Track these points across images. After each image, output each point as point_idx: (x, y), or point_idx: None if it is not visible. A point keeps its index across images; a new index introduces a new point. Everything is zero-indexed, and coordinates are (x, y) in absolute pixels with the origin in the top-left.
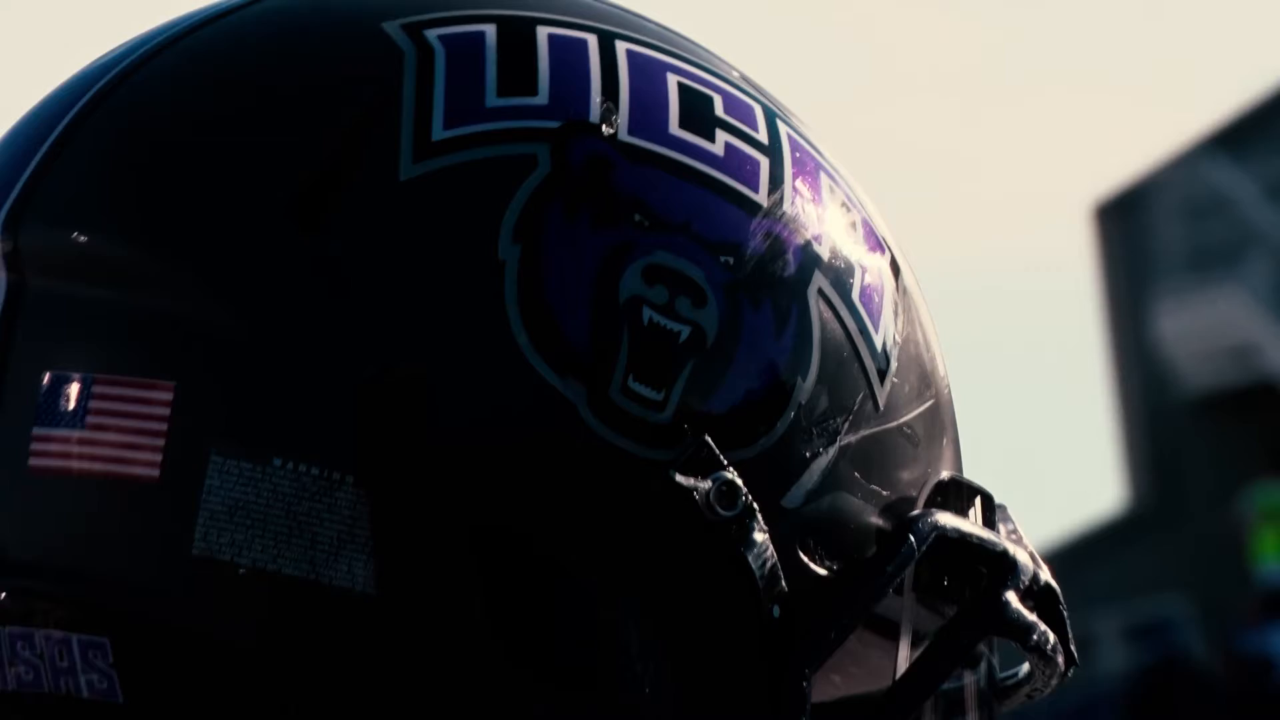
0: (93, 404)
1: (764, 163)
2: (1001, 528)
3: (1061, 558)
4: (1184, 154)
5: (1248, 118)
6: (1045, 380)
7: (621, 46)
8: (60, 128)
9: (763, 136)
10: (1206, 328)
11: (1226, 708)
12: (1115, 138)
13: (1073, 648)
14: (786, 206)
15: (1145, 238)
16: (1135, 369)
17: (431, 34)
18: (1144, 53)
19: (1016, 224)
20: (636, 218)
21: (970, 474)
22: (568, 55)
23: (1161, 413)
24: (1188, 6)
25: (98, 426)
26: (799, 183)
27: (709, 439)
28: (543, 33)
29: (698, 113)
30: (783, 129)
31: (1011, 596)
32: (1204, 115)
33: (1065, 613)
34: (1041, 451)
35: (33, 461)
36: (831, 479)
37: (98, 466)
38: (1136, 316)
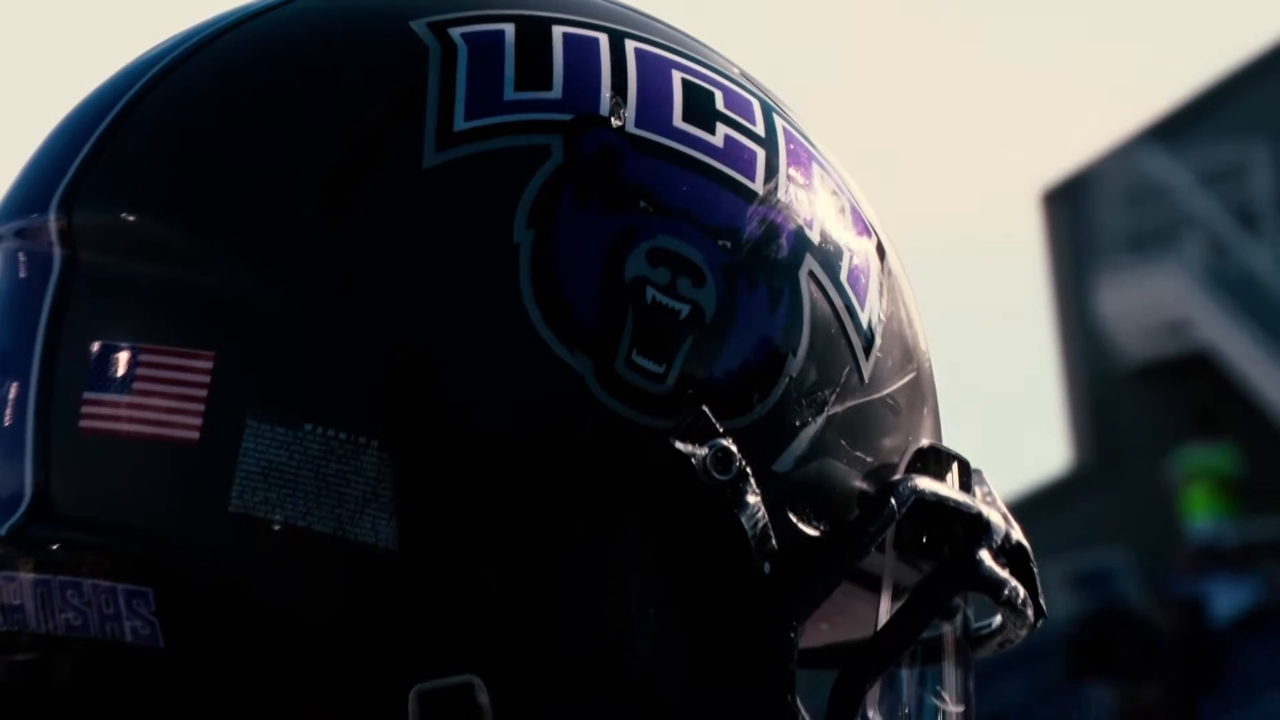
0: (139, 371)
1: (760, 154)
2: (977, 491)
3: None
4: (1123, 145)
5: (1182, 112)
6: (997, 351)
7: (630, 45)
8: (111, 116)
9: (760, 129)
10: (1144, 304)
11: (1161, 648)
12: (1061, 130)
13: (1041, 601)
14: (781, 194)
15: (1089, 221)
16: (1079, 341)
17: (455, 32)
18: (1088, 50)
19: (972, 207)
20: (642, 204)
21: (947, 441)
22: (580, 52)
23: (1103, 381)
24: (1128, 8)
25: (143, 392)
26: (792, 172)
27: (706, 409)
28: (558, 31)
29: (700, 107)
30: (778, 122)
31: (985, 554)
32: (1142, 109)
33: (1035, 570)
34: (993, 416)
35: (83, 423)
36: (819, 446)
37: (143, 429)
38: (1080, 293)
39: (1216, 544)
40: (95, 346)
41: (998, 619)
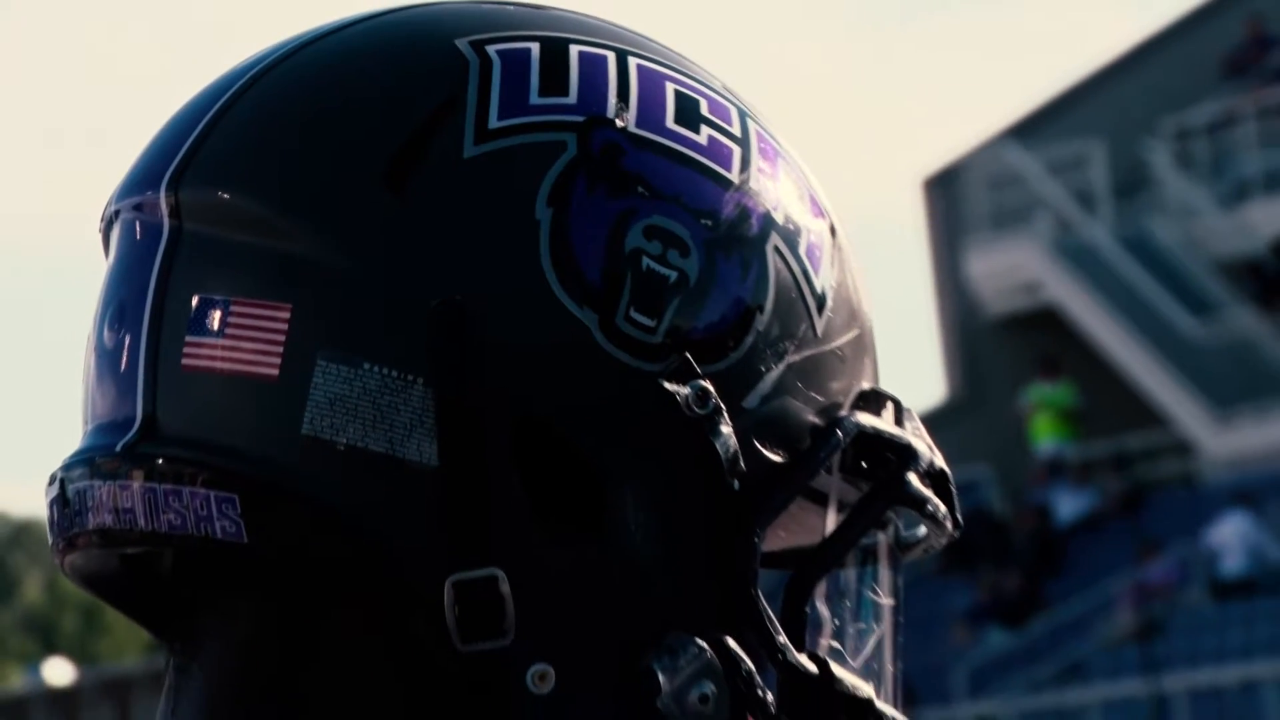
0: (230, 320)
1: (737, 150)
2: (907, 425)
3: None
4: (988, 141)
5: (1034, 115)
6: (887, 307)
7: (633, 61)
8: (212, 112)
9: (736, 130)
10: (1004, 269)
11: (1016, 545)
12: (938, 129)
13: (959, 515)
14: (752, 183)
15: (960, 202)
16: (952, 298)
17: (491, 48)
18: (958, 65)
19: (868, 189)
20: (640, 190)
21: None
22: (592, 66)
23: (970, 331)
24: (992, 33)
25: (233, 336)
26: (762, 165)
27: (689, 356)
28: (574, 49)
29: (688, 112)
30: (751, 125)
31: (913, 477)
32: (1002, 113)
33: (953, 490)
34: (883, 359)
35: (184, 362)
36: (780, 387)
37: (233, 367)
38: (953, 260)
39: (1059, 461)
40: (195, 299)
41: (922, 529)
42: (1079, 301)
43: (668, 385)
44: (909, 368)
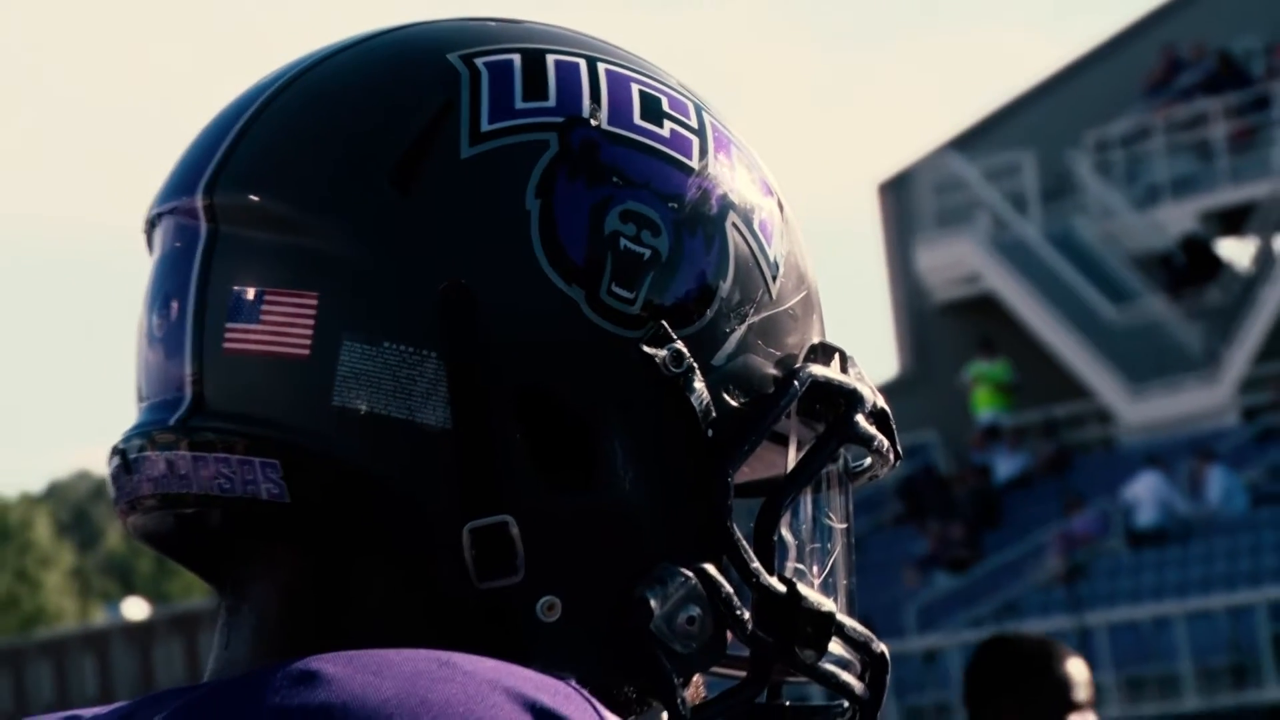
0: (264, 307)
1: (695, 141)
2: (852, 372)
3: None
4: (934, 151)
5: (973, 128)
6: (844, 294)
7: (602, 66)
8: (240, 123)
9: (694, 123)
10: (948, 262)
11: (960, 500)
12: (891, 140)
13: (899, 448)
14: (711, 169)
15: (910, 204)
16: (902, 287)
17: (478, 60)
18: (906, 82)
19: (830, 192)
20: (614, 180)
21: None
22: (567, 73)
23: (919, 315)
24: (934, 52)
25: (268, 322)
26: (719, 155)
27: (664, 323)
28: (550, 59)
29: (652, 109)
30: (706, 118)
31: (860, 418)
32: (946, 126)
33: (893, 426)
34: (843, 340)
35: (226, 345)
36: (743, 345)
37: (269, 348)
38: (904, 254)
39: (996, 428)
40: (233, 290)
41: (868, 460)
42: (1012, 290)
43: (647, 349)
44: (866, 347)
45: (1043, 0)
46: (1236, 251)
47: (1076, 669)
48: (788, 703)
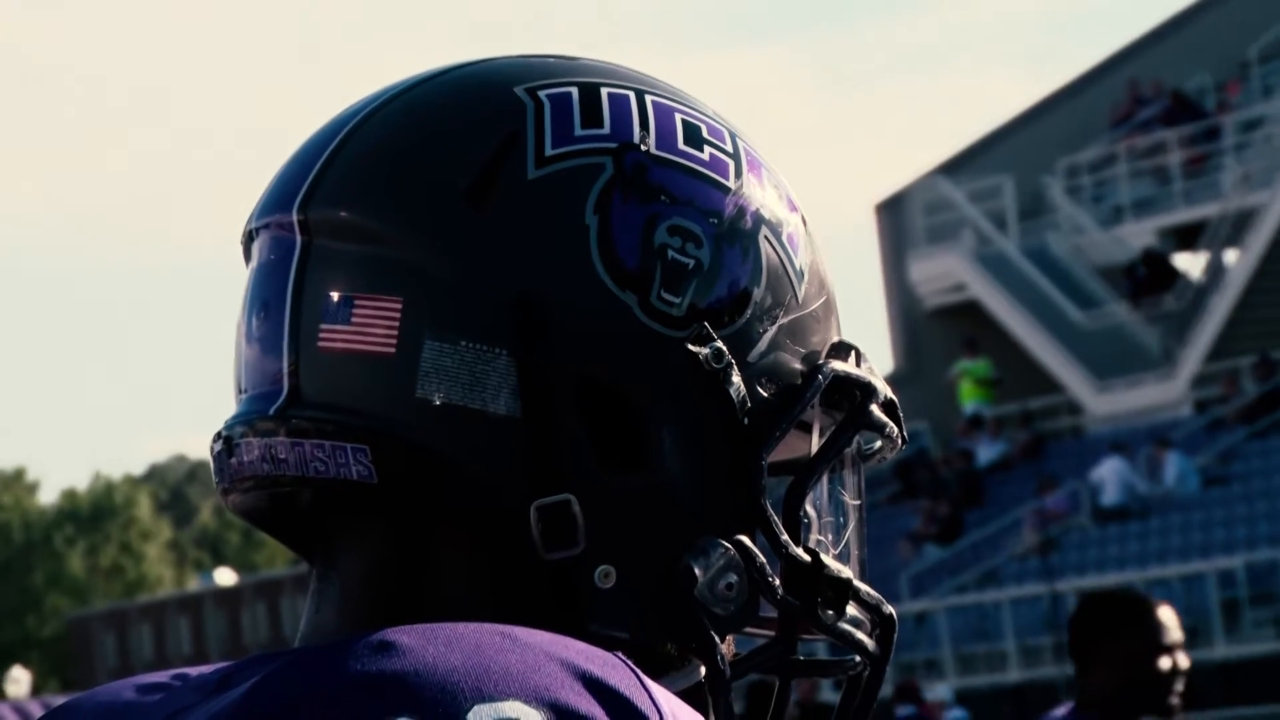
0: (354, 310)
1: (731, 164)
2: (864, 366)
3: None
4: (924, 175)
5: (960, 155)
6: (846, 301)
7: (649, 97)
8: (331, 146)
9: (729, 147)
10: (937, 273)
11: (946, 482)
12: (886, 165)
13: (905, 433)
14: (745, 189)
15: (903, 222)
16: (897, 295)
17: (541, 93)
18: (901, 114)
19: (833, 212)
20: (663, 198)
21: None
22: (619, 104)
23: (911, 320)
24: (924, 88)
25: (358, 324)
26: (751, 175)
27: (706, 324)
28: (604, 91)
29: (693, 135)
30: (739, 143)
31: (874, 407)
32: (935, 153)
33: (900, 414)
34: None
35: (320, 344)
36: (774, 344)
37: (358, 347)
38: (899, 266)
39: (979, 418)
40: (326, 296)
41: (878, 444)
42: (994, 298)
43: (691, 348)
44: (865, 348)
45: (1020, 43)
46: (1190, 264)
47: (1166, 616)
48: (801, 658)
